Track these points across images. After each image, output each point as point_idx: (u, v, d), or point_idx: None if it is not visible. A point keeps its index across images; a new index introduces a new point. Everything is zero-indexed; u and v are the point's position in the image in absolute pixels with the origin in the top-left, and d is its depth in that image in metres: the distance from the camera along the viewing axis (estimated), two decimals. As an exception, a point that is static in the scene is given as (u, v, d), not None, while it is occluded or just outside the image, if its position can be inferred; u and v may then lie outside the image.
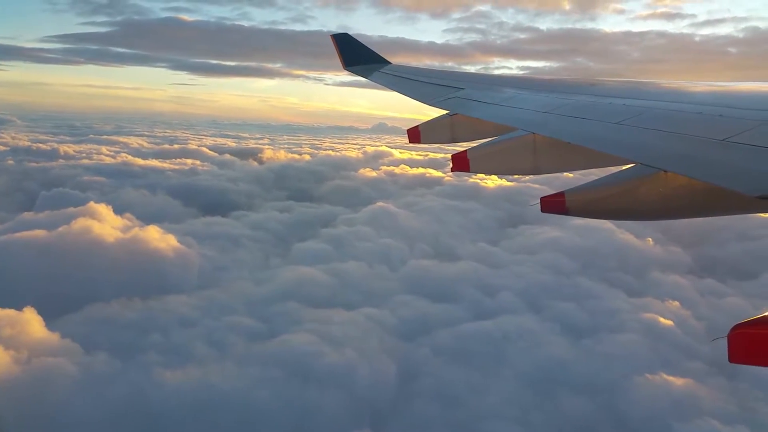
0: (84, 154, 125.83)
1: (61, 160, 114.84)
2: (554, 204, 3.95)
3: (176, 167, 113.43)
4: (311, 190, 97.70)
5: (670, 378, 26.44)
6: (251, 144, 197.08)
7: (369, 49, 10.39)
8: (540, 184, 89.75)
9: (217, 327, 29.20)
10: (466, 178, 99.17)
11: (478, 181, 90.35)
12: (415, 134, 6.93)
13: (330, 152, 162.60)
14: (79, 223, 43.42)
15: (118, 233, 44.29)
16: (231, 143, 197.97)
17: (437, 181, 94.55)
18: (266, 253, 50.35)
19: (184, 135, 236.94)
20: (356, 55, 10.27)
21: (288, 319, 30.81)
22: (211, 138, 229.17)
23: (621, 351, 30.25)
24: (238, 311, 31.92)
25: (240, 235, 56.46)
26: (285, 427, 21.68)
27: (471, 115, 6.29)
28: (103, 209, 51.72)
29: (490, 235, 58.68)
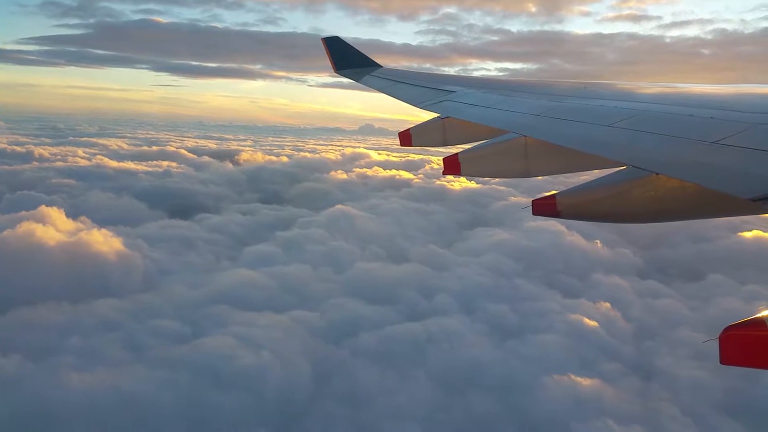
0: (59, 157, 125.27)
1: (35, 163, 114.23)
2: (545, 207, 3.99)
3: (150, 169, 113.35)
4: (282, 192, 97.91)
5: (578, 379, 26.98)
6: (233, 146, 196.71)
7: (359, 52, 10.49)
8: (507, 186, 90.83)
9: (139, 330, 29.46)
10: (435, 180, 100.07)
11: (445, 183, 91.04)
12: (407, 137, 7.00)
13: (307, 154, 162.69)
14: (24, 227, 43.51)
15: (63, 237, 44.40)
16: (212, 145, 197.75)
17: (406, 183, 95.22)
18: (217, 256, 50.56)
19: (167, 137, 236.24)
20: (347, 59, 10.35)
21: (213, 322, 31.12)
22: (194, 140, 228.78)
23: (541, 352, 30.79)
24: (166, 315, 32.17)
25: (196, 238, 56.61)
26: (182, 429, 22.00)
27: (462, 118, 6.28)
28: (55, 213, 51.78)
29: (445, 237, 59.15)
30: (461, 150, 5.56)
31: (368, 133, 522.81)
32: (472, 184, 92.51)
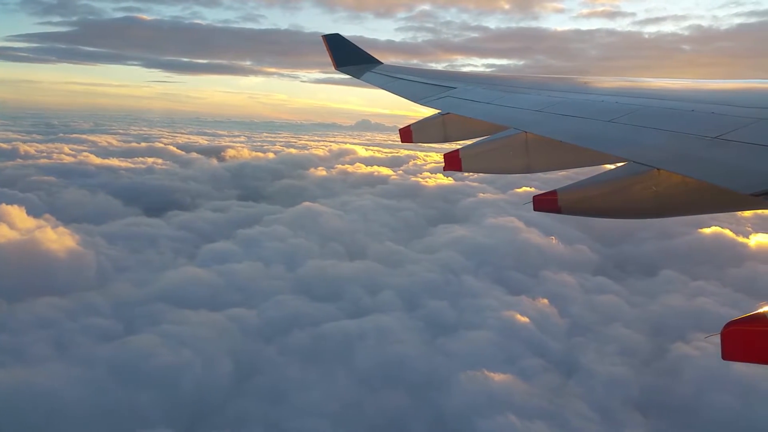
0: (45, 154, 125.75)
1: (19, 160, 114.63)
2: (546, 203, 3.99)
3: (134, 166, 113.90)
4: (262, 189, 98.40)
5: (492, 375, 27.47)
6: (224, 142, 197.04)
7: (360, 49, 10.47)
8: (480, 183, 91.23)
9: (70, 328, 29.99)
10: (412, 176, 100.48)
11: (420, 180, 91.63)
12: (407, 134, 6.93)
13: (293, 150, 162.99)
14: (-23, 226, 44.02)
15: (17, 235, 44.92)
16: (203, 141, 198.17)
17: (383, 180, 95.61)
18: (177, 254, 51.02)
19: (160, 133, 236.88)
20: (347, 56, 10.31)
21: (147, 320, 31.63)
22: (187, 136, 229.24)
23: (467, 348, 31.27)
24: (103, 313, 32.71)
25: (160, 236, 57.08)
26: (89, 427, 22.55)
27: (463, 114, 6.25)
28: (15, 211, 52.32)
29: (408, 234, 59.57)
30: (462, 146, 5.55)
31: (364, 128, 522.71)
32: (447, 181, 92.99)
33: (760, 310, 2.30)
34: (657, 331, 35.13)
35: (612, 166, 4.04)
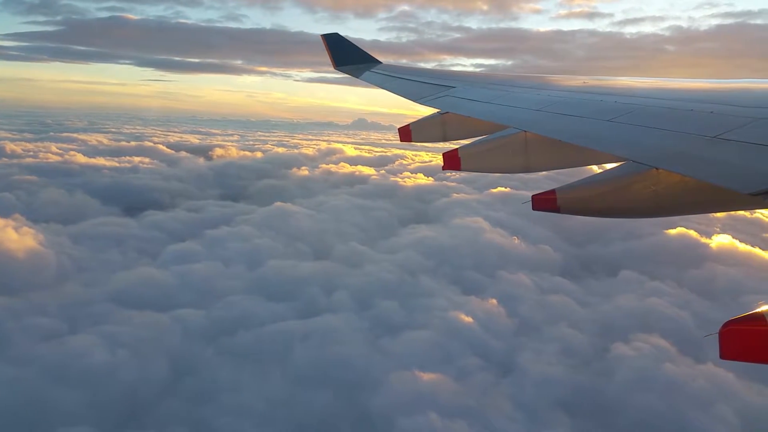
0: (31, 153, 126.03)
1: (4, 159, 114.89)
2: (545, 202, 3.99)
3: (119, 165, 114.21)
4: (243, 189, 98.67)
5: (422, 374, 27.83)
6: (216, 141, 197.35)
7: (359, 48, 10.47)
8: (458, 183, 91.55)
9: (11, 329, 30.28)
10: (393, 176, 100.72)
11: (399, 179, 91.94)
12: (406, 133, 6.92)
13: (280, 150, 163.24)
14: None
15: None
16: (195, 140, 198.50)
17: (363, 180, 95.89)
18: (141, 254, 51.29)
19: (153, 131, 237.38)
20: (346, 55, 10.31)
21: (92, 320, 31.92)
22: (179, 134, 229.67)
23: (407, 348, 31.59)
24: (49, 313, 33.03)
25: (128, 236, 57.37)
26: (16, 427, 22.90)
27: (462, 113, 6.26)
28: (-19, 211, 52.62)
29: (378, 234, 59.84)
30: (461, 145, 5.55)
31: (360, 127, 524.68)
32: (425, 181, 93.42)
33: (758, 310, 2.30)
34: (602, 332, 35.48)
35: (611, 166, 4.06)
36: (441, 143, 6.86)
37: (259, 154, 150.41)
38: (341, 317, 35.97)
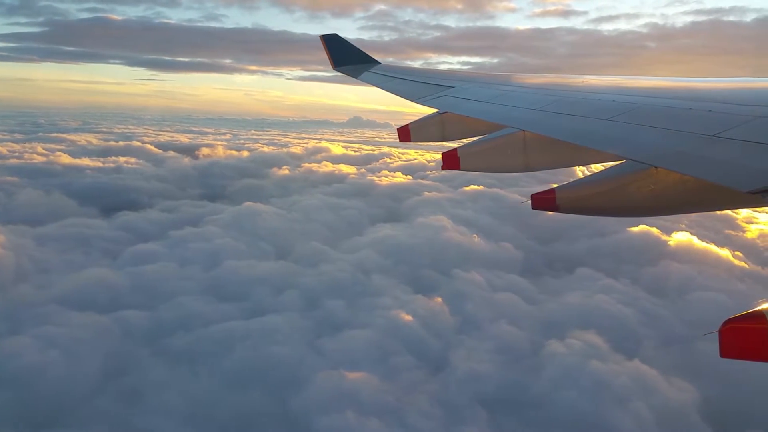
0: (17, 154, 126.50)
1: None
2: (544, 201, 4.02)
3: (103, 165, 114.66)
4: (223, 188, 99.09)
5: (348, 373, 28.28)
6: (207, 140, 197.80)
7: (358, 49, 10.55)
8: (433, 182, 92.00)
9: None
10: (371, 174, 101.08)
11: (375, 178, 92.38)
12: (405, 133, 6.97)
13: (266, 148, 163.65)
14: None
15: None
16: (185, 139, 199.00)
17: (341, 179, 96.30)
18: (104, 255, 51.70)
19: (145, 131, 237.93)
20: (345, 56, 10.37)
21: (34, 322, 32.35)
22: (171, 134, 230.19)
23: (343, 348, 31.97)
24: (-9, 315, 33.55)
25: (95, 237, 57.84)
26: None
27: (461, 113, 6.30)
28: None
29: (344, 233, 60.25)
30: (460, 145, 5.59)
31: (355, 125, 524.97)
32: (402, 179, 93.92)
33: (759, 308, 2.29)
34: (543, 329, 35.89)
35: (610, 165, 4.07)
36: (440, 142, 6.95)
37: (245, 153, 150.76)
38: (285, 317, 36.39)
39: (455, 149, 5.34)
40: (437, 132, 6.72)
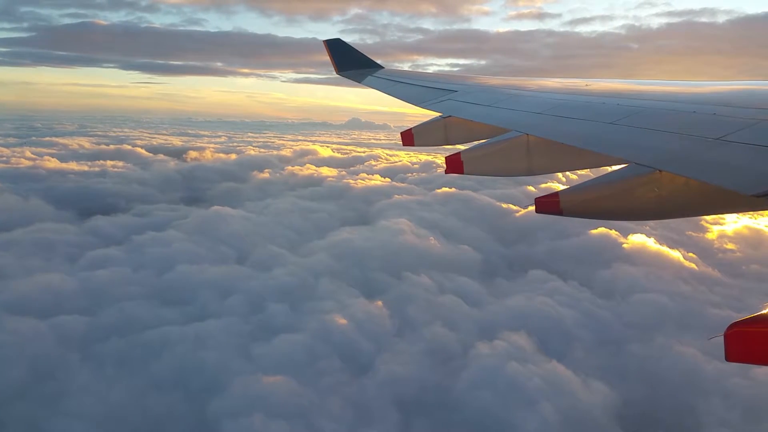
0: (4, 158, 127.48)
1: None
2: (548, 205, 3.98)
3: (89, 170, 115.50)
4: (203, 192, 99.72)
5: (265, 378, 28.75)
6: (202, 143, 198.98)
7: (361, 53, 10.63)
8: (411, 184, 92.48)
9: None
10: (348, 178, 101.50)
11: (351, 181, 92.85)
12: (409, 137, 6.97)
13: (252, 151, 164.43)
14: None
15: None
16: (179, 142, 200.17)
17: (319, 182, 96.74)
18: (64, 260, 52.26)
19: (139, 134, 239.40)
20: (348, 60, 10.46)
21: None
22: (165, 137, 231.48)
23: (274, 352, 32.41)
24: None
25: (60, 242, 58.47)
26: None
27: (464, 117, 6.32)
28: None
29: (308, 237, 60.65)
30: (464, 149, 5.60)
31: (353, 127, 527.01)
32: (379, 182, 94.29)
33: (764, 311, 2.28)
34: (477, 331, 36.28)
35: (614, 168, 4.06)
36: (445, 146, 6.94)
37: (233, 157, 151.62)
38: (225, 321, 36.86)
39: (459, 153, 5.36)
40: (441, 136, 6.73)
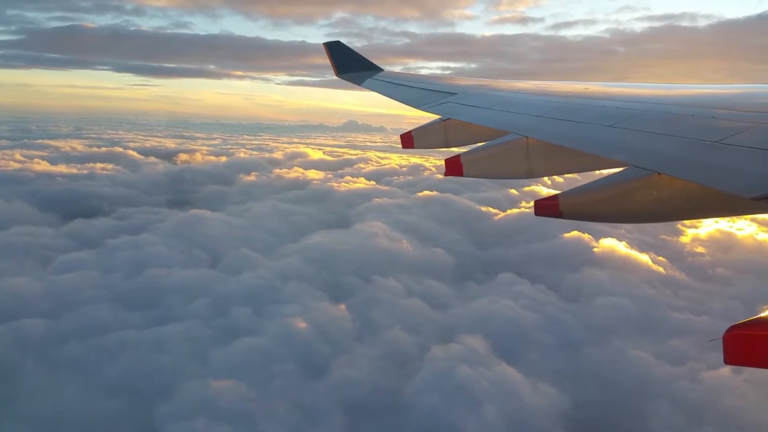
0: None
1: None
2: (548, 207, 4.00)
3: (77, 172, 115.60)
4: (188, 195, 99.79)
5: (214, 382, 28.95)
6: (195, 145, 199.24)
7: (361, 56, 10.68)
8: (395, 187, 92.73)
9: None
10: (333, 180, 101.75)
11: (335, 184, 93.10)
12: (408, 139, 7.00)
13: (243, 153, 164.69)
14: None
15: None
16: (172, 144, 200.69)
17: (304, 185, 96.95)
18: (37, 263, 52.41)
19: (134, 136, 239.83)
20: (348, 63, 10.51)
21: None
22: (159, 139, 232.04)
23: (230, 356, 32.59)
24: None
25: (36, 245, 58.64)
26: None
27: (464, 119, 6.33)
28: None
29: (285, 240, 60.85)
30: (463, 151, 5.63)
31: (350, 129, 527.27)
32: (362, 185, 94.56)
33: (763, 314, 2.27)
34: (437, 334, 36.49)
35: (613, 171, 4.08)
36: (445, 149, 7.01)
37: (224, 159, 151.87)
38: (187, 325, 37.00)
39: (458, 156, 5.37)
40: (440, 139, 6.77)
